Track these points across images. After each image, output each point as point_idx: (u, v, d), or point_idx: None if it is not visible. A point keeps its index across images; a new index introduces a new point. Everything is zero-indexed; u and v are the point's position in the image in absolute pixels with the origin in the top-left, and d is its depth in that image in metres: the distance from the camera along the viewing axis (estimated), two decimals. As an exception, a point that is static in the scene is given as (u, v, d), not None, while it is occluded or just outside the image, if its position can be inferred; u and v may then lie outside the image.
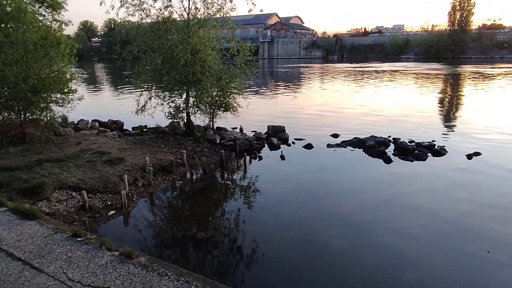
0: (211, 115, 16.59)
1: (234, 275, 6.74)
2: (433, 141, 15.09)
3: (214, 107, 16.39)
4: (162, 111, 15.77)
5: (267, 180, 11.73)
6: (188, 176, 12.15)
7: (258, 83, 38.76)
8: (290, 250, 7.56)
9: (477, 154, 13.58)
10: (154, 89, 16.07)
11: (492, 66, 60.41)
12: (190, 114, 15.75)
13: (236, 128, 17.41)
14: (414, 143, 14.75)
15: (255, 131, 16.89)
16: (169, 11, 14.66)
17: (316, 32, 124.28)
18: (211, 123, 16.83)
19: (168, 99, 15.83)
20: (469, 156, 13.45)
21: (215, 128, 16.95)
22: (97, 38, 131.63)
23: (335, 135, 16.75)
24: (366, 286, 6.38)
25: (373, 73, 53.03)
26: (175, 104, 15.78)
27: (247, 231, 8.30)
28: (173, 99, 15.92)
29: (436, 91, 33.82)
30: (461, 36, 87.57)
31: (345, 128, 17.97)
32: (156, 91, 16.03)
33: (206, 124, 16.92)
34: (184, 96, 15.93)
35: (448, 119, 21.72)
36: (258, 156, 14.04)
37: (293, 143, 15.81)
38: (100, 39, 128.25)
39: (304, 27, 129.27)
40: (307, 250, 7.55)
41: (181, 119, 15.98)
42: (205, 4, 14.75)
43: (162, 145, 13.97)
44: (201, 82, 14.74)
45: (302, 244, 7.77)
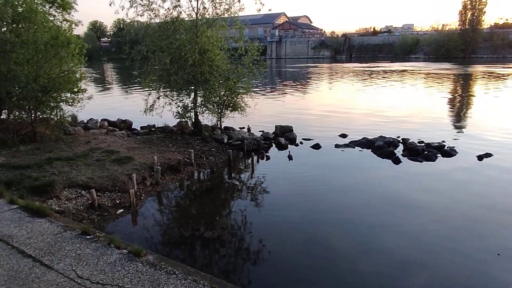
0: (219, 114, 16.63)
1: (241, 275, 6.74)
2: (443, 141, 14.92)
3: (222, 107, 16.42)
4: (170, 111, 15.85)
5: (274, 180, 11.71)
6: (196, 175, 12.19)
7: (266, 83, 38.74)
8: (297, 250, 7.54)
9: (488, 155, 13.37)
10: (163, 88, 16.16)
11: (504, 66, 59.54)
12: (198, 113, 15.80)
13: (243, 127, 17.42)
14: (423, 144, 14.60)
15: (263, 131, 16.87)
16: (178, 11, 14.78)
17: (324, 31, 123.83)
18: (218, 122, 16.87)
19: (176, 99, 15.91)
20: (480, 158, 13.26)
21: (222, 127, 16.98)
22: (106, 38, 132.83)
23: (343, 135, 16.66)
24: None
25: (382, 73, 52.62)
26: (183, 103, 15.85)
27: (254, 231, 8.30)
28: (181, 99, 16.00)
29: (446, 91, 33.43)
30: (472, 35, 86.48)
31: (353, 128, 17.86)
32: (164, 91, 16.13)
33: (213, 123, 16.97)
34: (192, 96, 15.99)
35: (459, 119, 21.46)
36: (265, 156, 14.03)
37: (301, 143, 15.76)
38: (109, 39, 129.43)
39: (313, 27, 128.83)
40: (314, 250, 7.52)
41: (189, 119, 16.06)
42: (214, 4, 14.81)
43: (170, 144, 14.04)
44: (209, 82, 14.79)
45: (309, 245, 7.74)
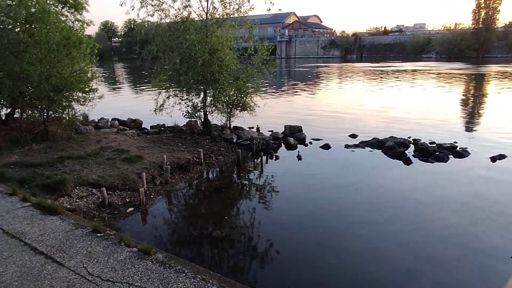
0: (228, 114, 16.65)
1: (250, 274, 6.74)
2: (455, 142, 14.70)
3: (231, 107, 16.44)
4: (179, 110, 15.93)
5: (283, 180, 11.69)
6: (205, 175, 12.23)
7: (275, 83, 38.67)
8: (306, 250, 7.51)
9: (502, 156, 13.12)
10: (172, 88, 16.25)
11: (518, 65, 58.40)
12: (207, 113, 15.85)
13: (253, 127, 17.42)
14: (435, 145, 14.41)
15: (272, 131, 16.85)
16: (188, 11, 14.83)
17: (334, 31, 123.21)
18: (228, 122, 16.90)
19: (186, 98, 15.98)
20: (493, 159, 13.02)
21: (232, 127, 17.00)
22: (117, 38, 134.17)
23: (353, 136, 16.53)
24: (384, 289, 6.28)
25: (394, 72, 52.08)
26: (193, 103, 15.90)
27: (263, 231, 8.28)
28: (191, 98, 16.06)
29: (459, 91, 32.94)
30: (486, 34, 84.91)
31: (363, 129, 17.71)
32: (174, 91, 16.22)
33: (223, 123, 17.00)
34: (201, 96, 16.04)
35: (471, 120, 21.11)
36: (274, 156, 14.00)
37: (310, 143, 15.69)
38: (120, 39, 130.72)
39: (323, 26, 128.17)
40: (324, 251, 7.47)
41: (198, 118, 16.12)
42: (223, 4, 14.83)
43: (180, 143, 14.11)
44: (218, 82, 14.81)
45: (319, 245, 7.69)
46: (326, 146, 14.95)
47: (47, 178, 9.51)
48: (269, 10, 15.19)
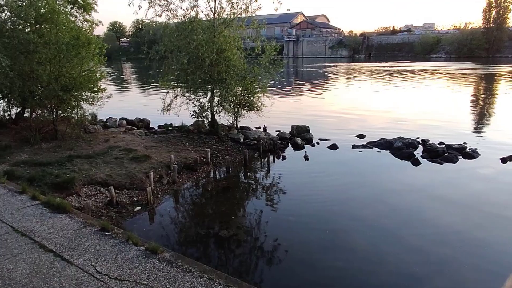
0: (235, 114, 16.66)
1: (256, 274, 6.73)
2: (465, 143, 14.52)
3: (238, 106, 16.44)
4: (187, 110, 15.98)
5: (290, 180, 11.66)
6: (212, 174, 12.25)
7: (282, 83, 38.62)
8: (313, 251, 7.48)
9: (512, 157, 12.95)
10: (180, 88, 16.31)
11: (529, 65, 57.52)
12: (214, 113, 15.87)
13: (260, 127, 17.40)
14: (444, 145, 14.26)
15: (279, 131, 16.82)
16: (196, 11, 14.87)
17: (342, 31, 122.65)
18: (235, 122, 16.91)
19: (193, 98, 16.03)
20: (504, 160, 12.83)
21: (239, 127, 17.01)
22: (125, 38, 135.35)
23: (361, 136, 16.42)
24: (392, 291, 6.22)
25: (403, 72, 51.66)
26: (200, 103, 15.95)
27: (269, 231, 8.27)
28: (198, 98, 16.10)
29: (469, 91, 32.55)
30: (497, 34, 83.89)
31: (371, 129, 17.59)
32: (181, 90, 16.27)
33: (230, 123, 17.01)
34: (208, 95, 16.08)
35: (481, 121, 20.84)
36: (281, 156, 13.97)
37: (318, 143, 15.63)
38: (128, 39, 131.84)
39: (330, 26, 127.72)
40: (330, 251, 7.44)
41: (205, 118, 16.15)
42: (231, 4, 14.84)
43: (187, 143, 14.16)
44: (225, 81, 14.83)
45: (325, 246, 7.66)
46: (333, 147, 14.88)
47: (56, 177, 9.61)
48: (277, 9, 15.17)
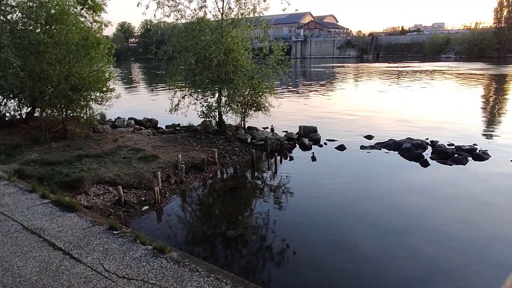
0: (242, 114, 16.68)
1: (263, 274, 6.72)
2: (475, 144, 14.33)
3: (245, 107, 16.46)
4: (194, 110, 16.04)
5: (297, 180, 11.62)
6: (219, 174, 12.26)
7: (290, 83, 38.54)
8: (320, 252, 7.44)
9: (523, 159, 12.74)
10: (188, 88, 16.38)
11: (541, 65, 56.54)
12: (222, 113, 15.91)
13: (267, 127, 17.39)
14: (453, 147, 14.08)
15: (287, 131, 16.79)
16: (204, 11, 14.92)
17: (350, 31, 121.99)
18: (242, 122, 16.92)
19: (201, 98, 16.09)
20: (515, 161, 12.64)
21: (246, 127, 17.01)
22: (134, 39, 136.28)
23: (369, 137, 16.31)
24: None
25: (412, 73, 51.19)
26: (208, 103, 15.99)
27: (276, 231, 8.25)
28: (206, 98, 16.15)
29: (480, 92, 32.12)
30: (508, 34, 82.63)
31: (379, 130, 17.46)
32: (189, 90, 16.34)
33: (237, 123, 17.03)
34: (216, 96, 16.12)
35: (492, 122, 20.53)
36: (289, 156, 13.93)
37: (325, 144, 15.56)
38: (136, 40, 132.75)
39: (339, 26, 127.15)
40: (338, 253, 7.39)
41: (213, 118, 16.20)
42: (239, 4, 14.85)
43: (194, 143, 14.21)
44: (233, 82, 14.85)
45: (333, 247, 7.62)
46: (341, 147, 14.80)
47: (65, 176, 9.71)
48: (285, 10, 15.15)
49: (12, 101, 15.97)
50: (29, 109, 16.19)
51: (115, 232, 6.48)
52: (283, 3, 14.91)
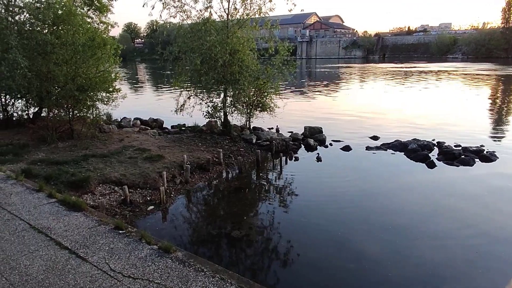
0: (247, 115, 16.67)
1: (268, 275, 6.71)
2: (482, 146, 14.19)
3: (251, 107, 16.46)
4: (200, 111, 16.08)
5: (302, 181, 11.59)
6: (224, 175, 12.28)
7: (295, 84, 38.46)
8: (325, 253, 7.42)
9: (531, 160, 12.59)
10: (193, 88, 16.42)
11: (550, 66, 55.88)
12: (227, 113, 15.93)
13: (272, 128, 17.37)
14: (460, 148, 13.97)
15: (292, 132, 16.76)
16: (209, 12, 14.95)
17: (356, 31, 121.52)
18: (247, 123, 16.92)
19: (206, 99, 16.12)
20: (523, 163, 12.51)
21: (251, 128, 17.01)
22: (140, 39, 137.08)
23: (374, 138, 16.23)
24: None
25: (418, 73, 50.85)
26: (213, 103, 16.02)
27: (281, 232, 8.24)
28: (211, 99, 16.18)
29: (487, 93, 31.83)
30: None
31: (385, 131, 17.37)
32: (194, 91, 16.38)
33: (242, 123, 17.03)
34: (221, 96, 16.14)
35: (500, 123, 20.33)
36: (294, 157, 13.91)
37: (331, 144, 15.51)
38: (142, 40, 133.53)
39: (344, 26, 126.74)
40: (343, 254, 7.36)
41: (218, 119, 16.22)
42: (244, 5, 14.86)
43: (200, 143, 14.24)
44: (238, 82, 14.86)
45: (338, 248, 7.59)
46: (346, 148, 14.74)
47: (72, 176, 9.78)
48: (291, 11, 15.15)
49: (19, 101, 16.14)
50: (36, 109, 16.34)
51: (120, 231, 6.51)
52: (289, 4, 14.93)
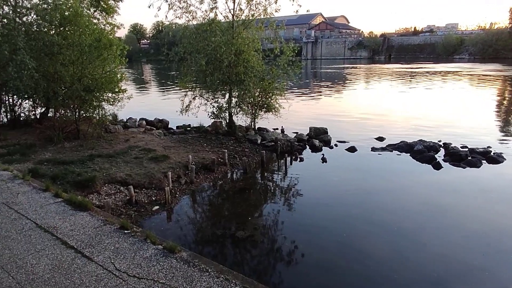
0: (252, 115, 16.69)
1: (272, 276, 6.70)
2: (489, 147, 14.06)
3: (256, 108, 16.46)
4: (205, 111, 16.12)
5: (307, 182, 11.57)
6: (229, 175, 12.29)
7: (301, 84, 38.38)
8: (330, 254, 7.39)
9: (539, 162, 12.45)
10: (198, 89, 16.47)
11: (558, 66, 55.23)
12: (232, 114, 15.95)
13: (277, 129, 17.36)
14: (467, 149, 13.84)
15: (297, 132, 16.72)
16: (214, 12, 14.98)
17: (362, 31, 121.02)
18: (252, 123, 16.93)
19: (211, 99, 16.15)
20: (531, 165, 12.37)
21: (256, 128, 17.02)
22: (145, 40, 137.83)
23: (380, 139, 16.15)
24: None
25: (424, 74, 50.51)
26: (218, 104, 16.05)
27: (286, 233, 8.22)
28: (216, 99, 16.21)
29: (494, 94, 31.54)
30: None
31: (391, 132, 17.27)
32: (200, 91, 16.43)
33: (247, 124, 17.05)
34: (226, 97, 16.17)
35: (507, 124, 20.14)
36: (299, 157, 13.89)
37: (336, 145, 15.46)
38: (148, 41, 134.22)
39: (350, 27, 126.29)
40: (348, 255, 7.33)
41: (223, 119, 16.25)
42: (250, 5, 14.87)
43: (205, 144, 14.27)
44: (244, 83, 14.87)
45: (343, 249, 7.56)
46: (352, 149, 14.68)
47: (78, 175, 9.85)
48: (297, 12, 15.11)
49: (26, 101, 16.31)
50: (43, 109, 16.50)
51: (126, 231, 6.54)
52: (294, 4, 14.91)
